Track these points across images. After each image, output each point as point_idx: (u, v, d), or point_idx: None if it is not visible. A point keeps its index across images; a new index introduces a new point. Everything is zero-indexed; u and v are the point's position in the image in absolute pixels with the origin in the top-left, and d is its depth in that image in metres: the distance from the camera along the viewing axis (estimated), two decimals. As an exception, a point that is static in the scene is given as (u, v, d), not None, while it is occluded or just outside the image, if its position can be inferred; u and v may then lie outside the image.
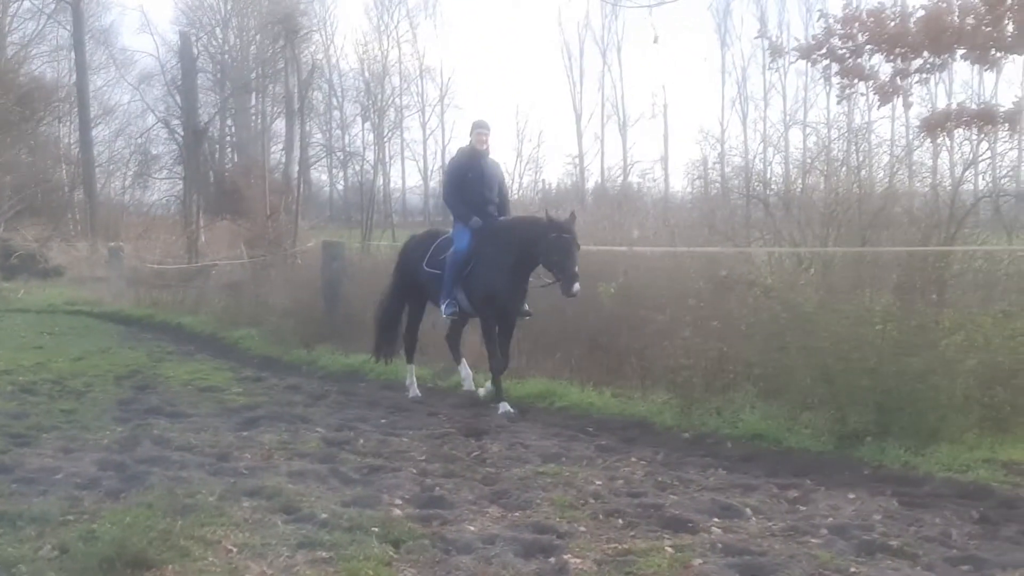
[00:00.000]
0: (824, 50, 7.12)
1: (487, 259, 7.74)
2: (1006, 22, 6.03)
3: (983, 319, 6.03)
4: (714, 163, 23.96)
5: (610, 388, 7.94)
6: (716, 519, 4.46)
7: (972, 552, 3.98)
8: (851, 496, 4.86)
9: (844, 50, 6.96)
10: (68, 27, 35.33)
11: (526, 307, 7.79)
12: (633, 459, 5.85)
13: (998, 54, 6.35)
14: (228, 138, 37.69)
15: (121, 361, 10.90)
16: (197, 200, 24.04)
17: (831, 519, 4.44)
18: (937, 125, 7.48)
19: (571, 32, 48.89)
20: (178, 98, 27.05)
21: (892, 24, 6.69)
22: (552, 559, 3.90)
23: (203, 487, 4.98)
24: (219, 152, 35.44)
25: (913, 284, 6.95)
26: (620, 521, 4.45)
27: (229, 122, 37.21)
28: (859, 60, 6.94)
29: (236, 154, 36.02)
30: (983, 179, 11.30)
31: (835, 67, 7.30)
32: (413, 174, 42.59)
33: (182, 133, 26.37)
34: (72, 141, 36.12)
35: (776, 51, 9.18)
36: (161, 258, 21.10)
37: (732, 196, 11.84)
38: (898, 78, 6.96)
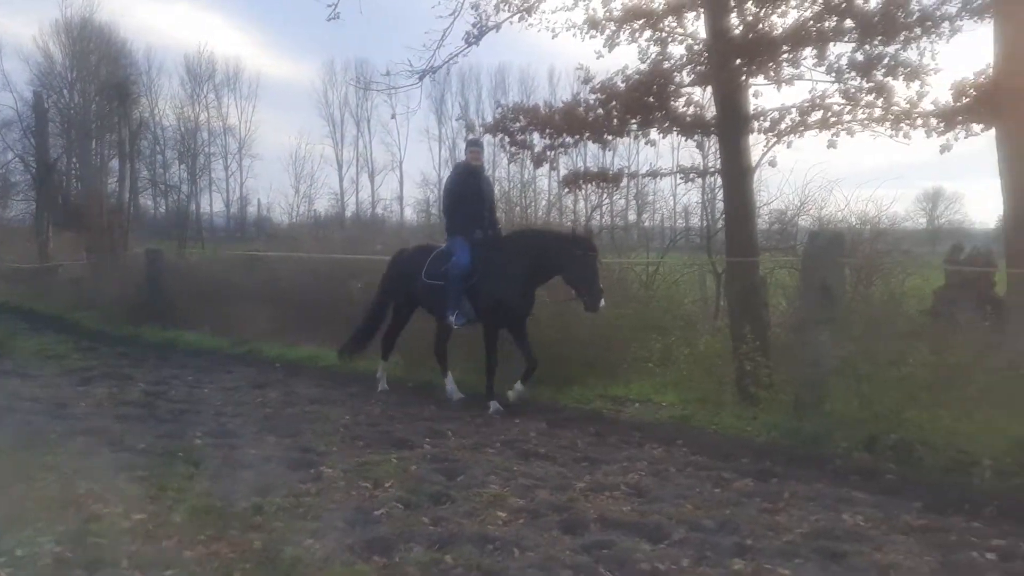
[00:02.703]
0: (501, 127, 9.39)
1: (495, 269, 7.72)
2: (613, 117, 8.55)
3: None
4: (434, 202, 33.75)
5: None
6: (428, 439, 6.47)
7: (589, 454, 6.14)
8: (516, 420, 7.17)
9: (514, 129, 9.28)
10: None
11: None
12: (372, 401, 7.88)
13: (609, 137, 8.97)
14: (73, 171, 44.68)
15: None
16: (47, 216, 29.32)
17: (503, 436, 6.61)
18: (574, 181, 10.36)
19: (335, 106, 60.20)
20: (32, 140, 33.95)
21: (544, 113, 9.09)
22: (312, 470, 5.48)
23: (46, 428, 6.29)
24: (66, 181, 41.97)
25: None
26: (361, 443, 6.30)
27: (74, 159, 44.49)
28: (523, 136, 9.30)
29: (80, 183, 42.69)
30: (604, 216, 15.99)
31: (507, 140, 9.67)
32: (218, 202, 56.74)
33: (36, 167, 32.98)
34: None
35: (470, 127, 11.60)
36: (18, 260, 25.37)
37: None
38: (547, 150, 9.42)
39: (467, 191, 8.02)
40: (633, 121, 8.51)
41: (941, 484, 5.34)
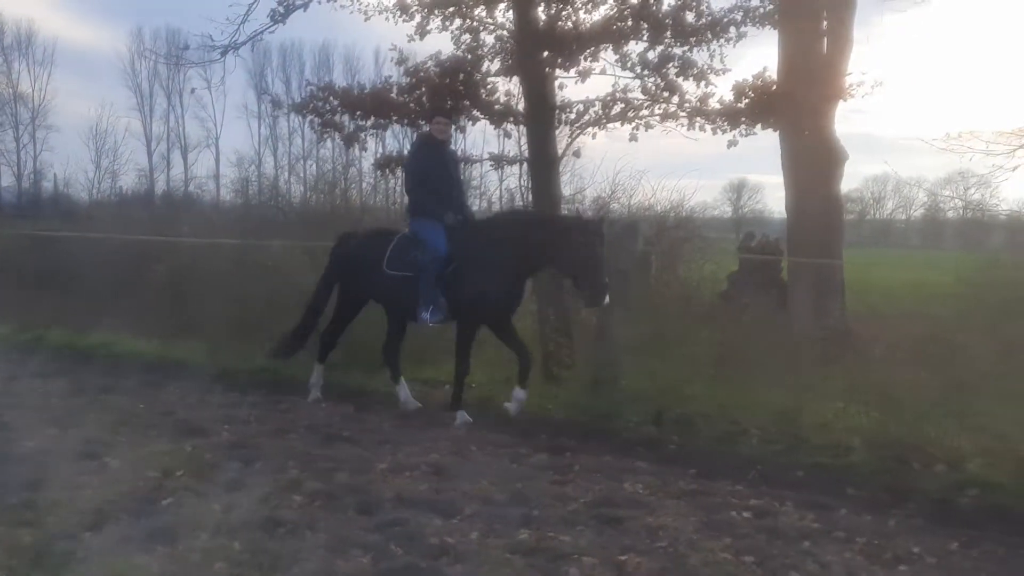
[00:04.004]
0: (310, 107, 9.25)
1: (476, 257, 6.70)
2: (423, 102, 8.69)
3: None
4: (252, 182, 32.06)
5: (160, 339, 9.52)
6: (227, 426, 6.29)
7: (393, 436, 6.20)
8: (323, 406, 7.11)
9: (323, 109, 9.18)
10: None
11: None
12: (171, 388, 7.53)
13: (420, 121, 9.08)
14: None
15: None
16: None
17: (308, 421, 6.54)
18: (387, 164, 10.43)
19: (143, 76, 56.39)
20: None
21: (355, 95, 9.07)
22: (95, 462, 5.20)
23: None
24: None
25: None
26: (154, 432, 6.03)
27: None
28: (334, 117, 9.22)
29: None
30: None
31: (317, 120, 9.56)
32: (8, 177, 52.41)
33: None
34: None
35: (277, 105, 11.34)
36: None
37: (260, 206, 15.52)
38: (358, 132, 9.40)
39: (433, 167, 6.96)
40: (443, 108, 8.59)
41: (714, 452, 5.84)
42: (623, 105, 8.31)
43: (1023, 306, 10.52)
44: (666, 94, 8.04)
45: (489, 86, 8.58)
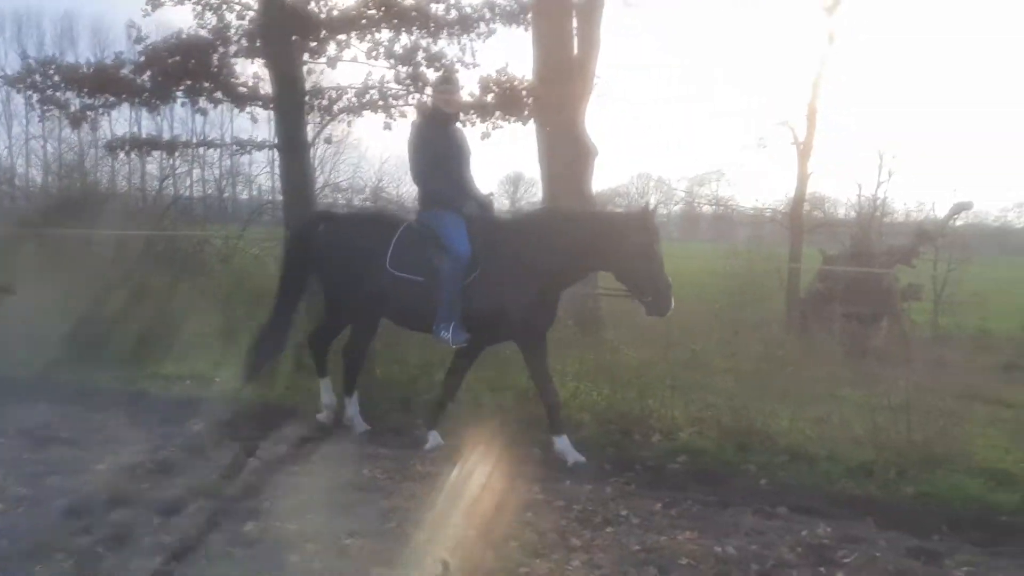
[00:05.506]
0: (27, 82, 8.47)
1: (505, 262, 5.51)
2: (158, 80, 8.23)
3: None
4: None
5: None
6: None
7: (119, 435, 5.73)
8: (40, 407, 6.47)
9: (44, 85, 8.44)
10: None
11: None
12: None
13: (155, 100, 8.62)
14: None
15: None
16: None
17: (17, 425, 5.90)
18: (119, 147, 10.06)
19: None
20: None
21: (82, 71, 8.42)
22: None
23: None
24: None
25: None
26: None
27: None
28: (56, 93, 8.51)
29: None
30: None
31: (36, 96, 8.78)
32: None
33: None
34: None
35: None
36: None
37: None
38: (86, 111, 8.74)
39: (444, 147, 5.73)
40: (178, 88, 8.14)
41: (454, 434, 5.97)
42: (378, 94, 8.31)
43: (753, 292, 11.96)
44: (419, 84, 8.13)
45: (236, 65, 8.23)
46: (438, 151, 5.69)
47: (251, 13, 8.19)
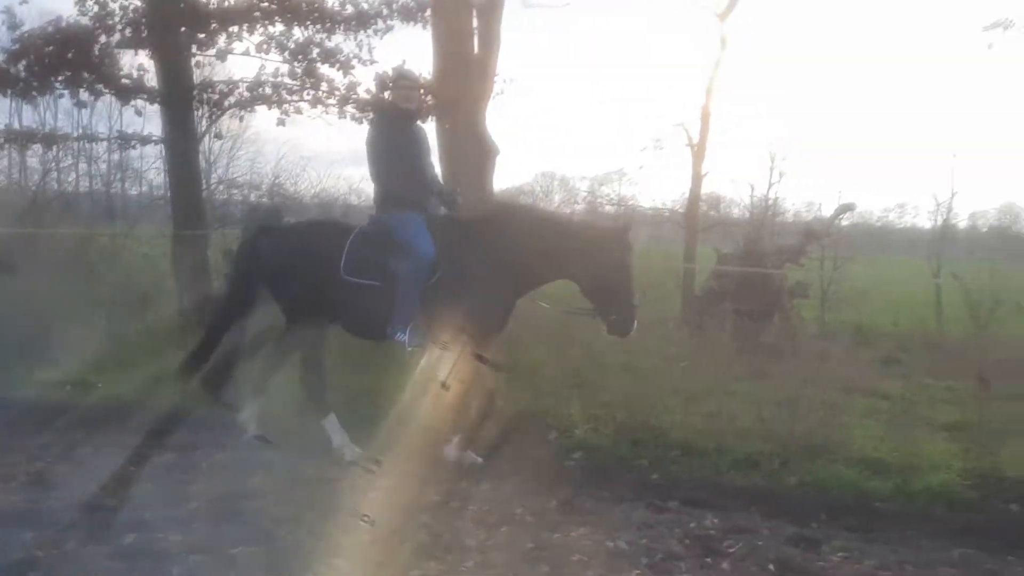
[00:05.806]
0: None
1: (467, 265, 5.28)
2: (33, 71, 7.81)
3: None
4: None
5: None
6: None
7: None
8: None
9: None
10: None
11: None
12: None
13: (33, 92, 8.16)
14: None
15: None
16: None
17: None
18: None
19: None
20: None
21: None
22: None
23: None
24: None
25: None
26: None
27: None
28: None
29: None
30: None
31: None
32: None
33: None
34: None
35: None
36: None
37: None
38: None
39: (405, 145, 5.53)
40: (57, 79, 7.72)
41: (355, 441, 5.86)
42: (272, 89, 8.10)
43: (655, 291, 12.22)
44: (312, 80, 7.97)
45: (119, 56, 7.85)
46: (400, 150, 5.51)
47: (136, 1, 7.85)
